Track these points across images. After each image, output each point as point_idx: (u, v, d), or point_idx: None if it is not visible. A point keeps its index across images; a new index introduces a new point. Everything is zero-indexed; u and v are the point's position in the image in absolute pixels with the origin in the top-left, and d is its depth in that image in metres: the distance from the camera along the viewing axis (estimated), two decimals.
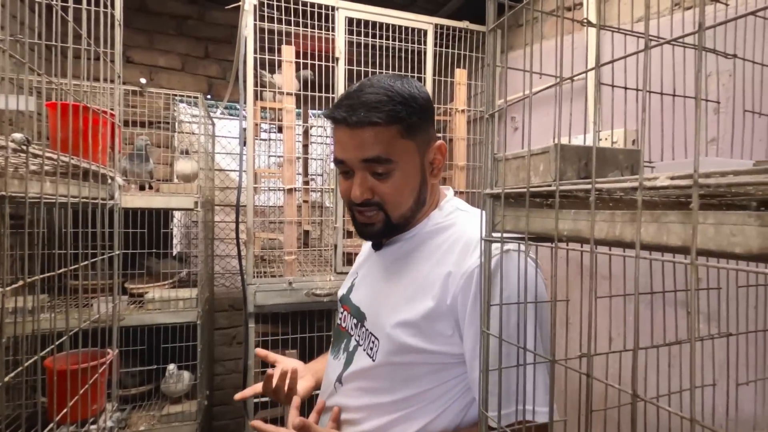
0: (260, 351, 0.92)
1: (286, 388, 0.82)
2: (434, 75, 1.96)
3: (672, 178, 0.33)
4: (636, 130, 1.33)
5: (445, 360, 0.69)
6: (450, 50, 1.99)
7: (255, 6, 1.59)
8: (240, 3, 1.59)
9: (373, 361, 0.72)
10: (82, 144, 0.70)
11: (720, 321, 0.86)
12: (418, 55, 1.98)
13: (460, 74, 2.00)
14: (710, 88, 1.16)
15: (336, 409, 0.78)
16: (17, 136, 0.52)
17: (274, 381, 0.81)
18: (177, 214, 2.38)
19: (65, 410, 0.67)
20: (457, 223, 0.75)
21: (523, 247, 0.56)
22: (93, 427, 0.83)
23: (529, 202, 0.50)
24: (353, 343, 0.78)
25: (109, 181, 0.90)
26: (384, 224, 0.73)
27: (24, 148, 0.52)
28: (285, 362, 0.91)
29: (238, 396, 0.86)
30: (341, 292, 0.91)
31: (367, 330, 0.75)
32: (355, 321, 0.79)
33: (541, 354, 0.56)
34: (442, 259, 0.70)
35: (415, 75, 1.95)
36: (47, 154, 0.60)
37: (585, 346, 0.97)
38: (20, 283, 0.57)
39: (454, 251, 0.70)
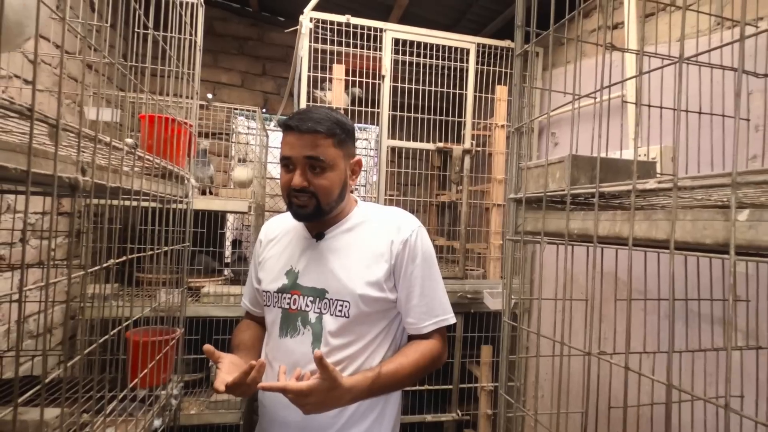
0: (208, 347, 0.87)
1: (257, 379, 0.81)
2: (475, 91, 2.03)
3: (659, 182, 0.40)
4: (672, 147, 1.34)
5: (390, 304, 0.98)
6: (492, 68, 2.06)
7: (311, 29, 1.75)
8: (298, 27, 1.76)
9: (347, 318, 0.93)
10: (168, 150, 0.85)
11: (748, 334, 0.86)
12: (460, 72, 2.06)
13: (501, 91, 2.06)
14: (752, 105, 1.17)
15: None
16: (129, 141, 0.66)
17: (252, 374, 0.80)
18: (230, 218, 2.58)
19: (145, 371, 0.80)
20: (379, 214, 1.04)
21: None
22: (163, 392, 0.97)
23: (547, 206, 0.57)
24: (313, 315, 0.96)
25: (185, 181, 1.05)
26: (314, 208, 0.94)
27: (133, 151, 0.66)
28: (228, 357, 0.91)
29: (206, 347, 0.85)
30: (279, 284, 0.99)
31: (331, 299, 0.95)
32: (311, 298, 0.97)
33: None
34: (382, 235, 0.99)
35: (457, 91, 2.04)
36: (146, 157, 0.73)
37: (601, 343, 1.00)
38: (113, 261, 0.70)
39: (390, 229, 0.99)
